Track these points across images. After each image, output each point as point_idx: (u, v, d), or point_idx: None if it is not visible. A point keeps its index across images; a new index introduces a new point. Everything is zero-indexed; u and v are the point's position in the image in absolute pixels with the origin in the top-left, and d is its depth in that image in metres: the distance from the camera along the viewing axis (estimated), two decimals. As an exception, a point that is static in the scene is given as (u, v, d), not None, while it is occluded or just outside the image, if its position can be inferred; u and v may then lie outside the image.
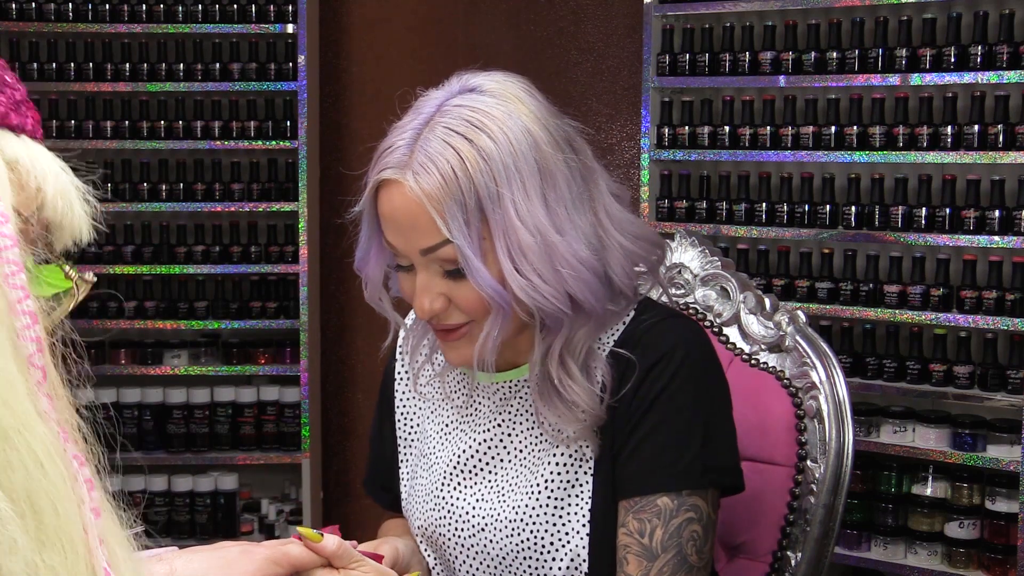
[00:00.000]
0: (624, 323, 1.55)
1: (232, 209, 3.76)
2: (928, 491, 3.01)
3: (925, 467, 3.02)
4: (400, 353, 1.70)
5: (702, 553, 1.48)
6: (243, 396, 3.76)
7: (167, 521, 3.69)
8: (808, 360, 1.82)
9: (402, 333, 1.70)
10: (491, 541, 1.55)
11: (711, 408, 1.52)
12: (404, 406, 1.69)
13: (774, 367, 1.84)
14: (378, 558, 1.35)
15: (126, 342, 3.78)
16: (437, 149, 1.40)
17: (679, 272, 1.93)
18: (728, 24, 3.33)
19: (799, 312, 1.86)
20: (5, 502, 0.61)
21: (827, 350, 1.83)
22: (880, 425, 3.08)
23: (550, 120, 1.47)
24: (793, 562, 1.78)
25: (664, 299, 1.68)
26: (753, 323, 1.87)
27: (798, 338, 1.84)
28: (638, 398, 1.49)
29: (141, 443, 3.70)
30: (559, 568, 1.51)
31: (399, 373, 1.71)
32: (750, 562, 1.79)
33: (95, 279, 0.78)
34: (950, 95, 3.02)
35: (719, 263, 1.92)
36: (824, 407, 1.79)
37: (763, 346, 1.86)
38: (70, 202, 0.73)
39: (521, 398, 1.56)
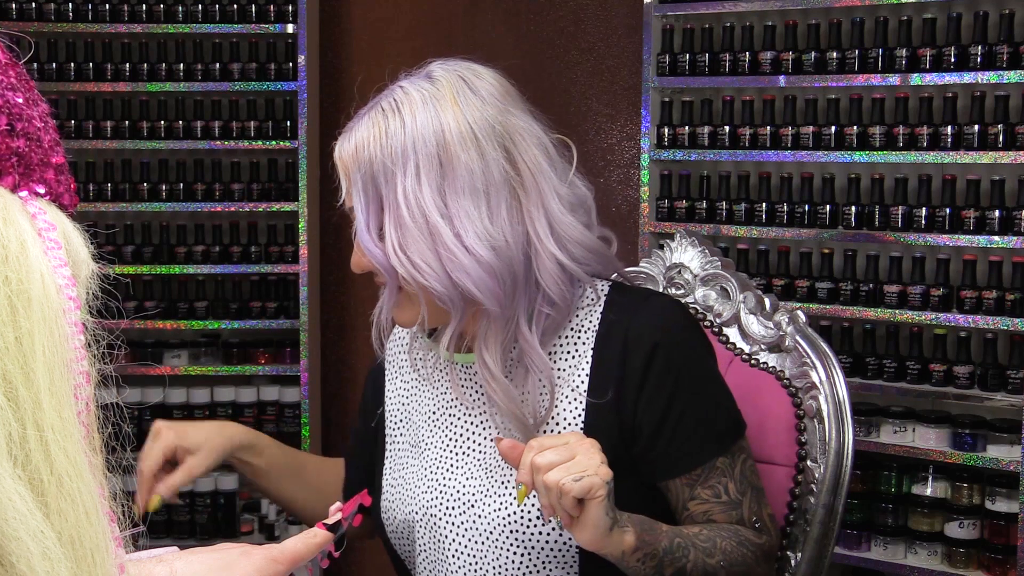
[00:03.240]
0: (597, 320, 1.59)
1: (232, 209, 3.76)
2: (928, 491, 3.01)
3: (925, 467, 3.02)
4: (389, 361, 1.79)
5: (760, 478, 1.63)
6: (243, 396, 3.76)
7: (167, 521, 3.69)
8: (808, 360, 1.82)
9: (388, 346, 1.78)
10: (480, 516, 1.58)
11: (712, 365, 1.63)
12: (391, 403, 1.76)
13: (774, 367, 1.84)
14: (365, 499, 1.36)
15: (126, 342, 3.77)
16: (364, 122, 1.56)
17: (679, 272, 1.93)
18: (728, 24, 3.33)
19: (799, 312, 1.86)
20: (55, 542, 0.62)
21: (827, 350, 1.83)
22: (880, 425, 3.07)
23: (480, 117, 1.53)
24: (793, 562, 1.78)
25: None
26: (753, 323, 1.87)
27: (798, 338, 1.84)
28: (650, 387, 1.55)
29: (141, 443, 3.68)
30: (546, 542, 1.55)
31: (388, 379, 1.78)
32: (750, 562, 1.79)
33: None
34: (950, 95, 3.02)
35: (719, 263, 1.92)
36: (824, 407, 1.79)
37: (763, 346, 1.86)
38: (88, 292, 0.75)
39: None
